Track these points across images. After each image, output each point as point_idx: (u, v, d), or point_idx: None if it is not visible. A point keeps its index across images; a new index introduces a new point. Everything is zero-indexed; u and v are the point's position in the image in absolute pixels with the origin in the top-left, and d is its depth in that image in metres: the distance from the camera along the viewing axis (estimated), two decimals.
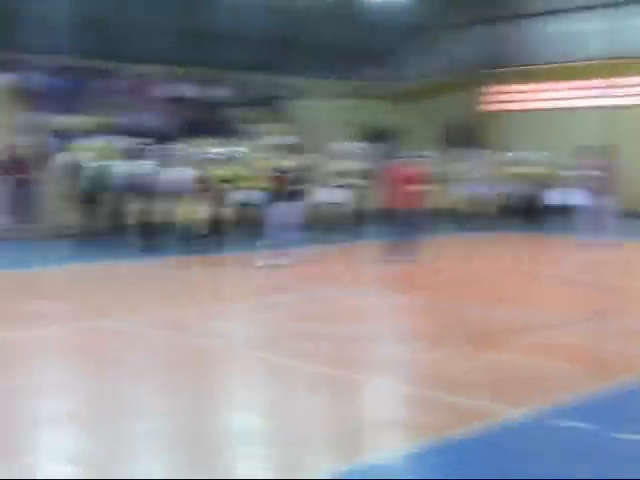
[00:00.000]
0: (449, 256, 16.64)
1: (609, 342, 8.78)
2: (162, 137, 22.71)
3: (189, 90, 26.97)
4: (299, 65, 29.50)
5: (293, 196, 13.84)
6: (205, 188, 15.65)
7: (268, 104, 28.66)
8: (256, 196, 16.47)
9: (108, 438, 5.70)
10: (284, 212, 13.68)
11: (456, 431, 5.75)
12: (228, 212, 17.18)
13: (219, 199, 16.75)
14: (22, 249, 16.69)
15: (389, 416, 6.31)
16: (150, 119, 24.61)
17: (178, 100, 26.19)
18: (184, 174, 15.50)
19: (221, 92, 27.74)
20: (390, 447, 5.59)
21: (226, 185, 16.94)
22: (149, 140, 17.92)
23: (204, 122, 25.86)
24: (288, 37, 28.46)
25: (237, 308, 10.75)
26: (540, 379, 7.13)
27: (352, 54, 29.96)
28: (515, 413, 6.13)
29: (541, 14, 29.42)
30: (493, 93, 30.96)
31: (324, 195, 18.12)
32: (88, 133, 21.91)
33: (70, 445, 5.63)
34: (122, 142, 17.57)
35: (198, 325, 9.42)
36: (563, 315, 10.21)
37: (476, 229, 20.48)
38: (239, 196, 17.13)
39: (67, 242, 15.74)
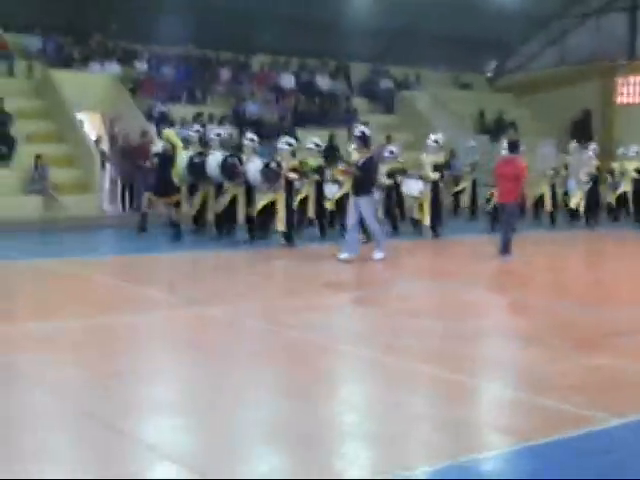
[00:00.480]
0: (558, 253, 16.06)
1: None
2: (275, 127, 22.96)
3: (304, 80, 26.99)
4: (419, 56, 29.17)
5: (364, 190, 13.27)
6: (298, 178, 15.51)
7: (382, 95, 28.44)
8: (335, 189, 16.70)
9: (210, 430, 5.57)
10: (360, 205, 13.18)
11: (550, 436, 5.39)
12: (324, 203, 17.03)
13: (313, 190, 16.67)
14: (126, 237, 17.03)
15: (484, 418, 5.97)
16: (265, 109, 24.75)
17: (293, 90, 26.25)
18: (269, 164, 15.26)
19: (336, 83, 27.66)
20: (483, 449, 5.31)
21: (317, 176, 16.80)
22: (251, 131, 17.70)
23: (319, 112, 25.87)
24: (407, 28, 28.14)
25: (333, 301, 10.51)
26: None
27: (473, 45, 29.39)
28: (612, 420, 5.71)
29: None
30: (624, 85, 29.64)
31: (406, 187, 17.37)
32: (204, 122, 22.24)
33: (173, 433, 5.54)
34: (215, 131, 17.37)
35: (295, 317, 9.23)
36: None
37: (586, 226, 19.81)
38: (330, 188, 16.81)
39: (169, 230, 15.85)
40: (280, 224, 15.07)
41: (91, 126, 22.67)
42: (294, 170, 15.23)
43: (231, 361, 7.28)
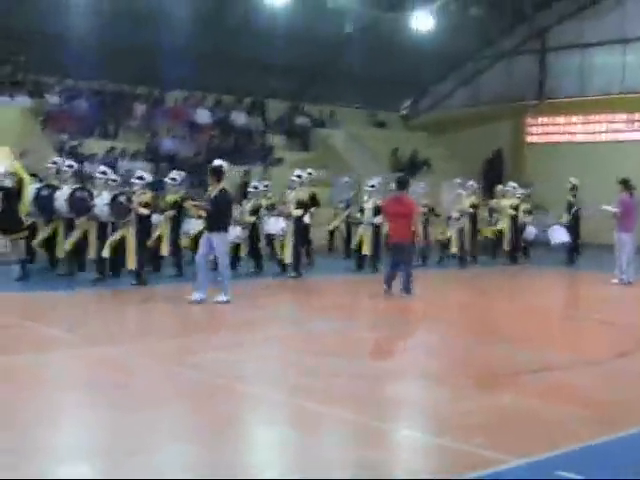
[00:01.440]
0: (449, 291, 16.22)
1: (628, 386, 8.23)
2: (190, 163, 22.76)
3: (220, 116, 26.89)
4: (335, 94, 29.44)
5: (217, 226, 12.70)
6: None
7: (298, 132, 28.54)
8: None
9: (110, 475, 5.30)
10: (213, 242, 12.62)
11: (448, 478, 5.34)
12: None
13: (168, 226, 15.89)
14: None
15: (389, 460, 5.89)
16: (180, 144, 24.57)
17: (208, 126, 26.12)
18: None
19: (252, 119, 27.64)
20: None
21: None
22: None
23: (235, 148, 25.76)
24: (323, 66, 28.39)
25: (228, 341, 10.33)
26: (544, 424, 6.63)
27: (388, 83, 29.74)
28: (513, 461, 5.66)
29: (585, 45, 28.81)
30: (535, 125, 30.29)
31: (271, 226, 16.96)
32: (116, 157, 21.94)
33: None
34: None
35: (205, 356, 9.01)
36: (583, 355, 9.70)
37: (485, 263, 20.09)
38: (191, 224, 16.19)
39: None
40: (130, 262, 14.29)
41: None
42: (146, 205, 14.38)
43: (133, 404, 7.04)
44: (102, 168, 15.63)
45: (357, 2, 25.80)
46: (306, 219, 17.15)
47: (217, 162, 13.56)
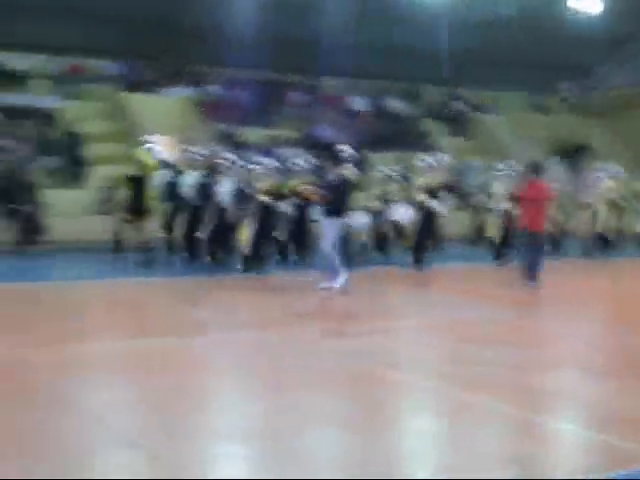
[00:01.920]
0: (577, 280, 15.38)
1: None
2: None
3: (376, 103, 26.84)
4: (493, 78, 28.82)
5: (333, 211, 12.37)
6: None
7: (456, 118, 28.11)
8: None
9: (273, 460, 5.40)
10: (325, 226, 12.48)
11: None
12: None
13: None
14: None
15: (550, 454, 5.63)
16: (336, 132, 24.62)
17: (364, 113, 26.10)
18: None
19: (408, 106, 27.43)
20: None
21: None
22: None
23: (391, 135, 25.64)
24: (481, 50, 27.85)
25: (376, 327, 10.21)
26: None
27: (548, 66, 28.87)
28: None
29: None
30: None
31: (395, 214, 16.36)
32: (273, 146, 22.24)
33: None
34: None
35: (354, 342, 8.97)
36: None
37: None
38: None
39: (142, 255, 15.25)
40: (245, 247, 14.08)
41: (163, 149, 22.78)
42: (267, 192, 14.22)
43: (284, 388, 7.05)
44: (228, 155, 15.55)
45: None
46: (437, 206, 16.77)
47: (342, 147, 13.47)
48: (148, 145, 16.05)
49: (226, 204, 14.41)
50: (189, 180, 15.03)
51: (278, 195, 14.78)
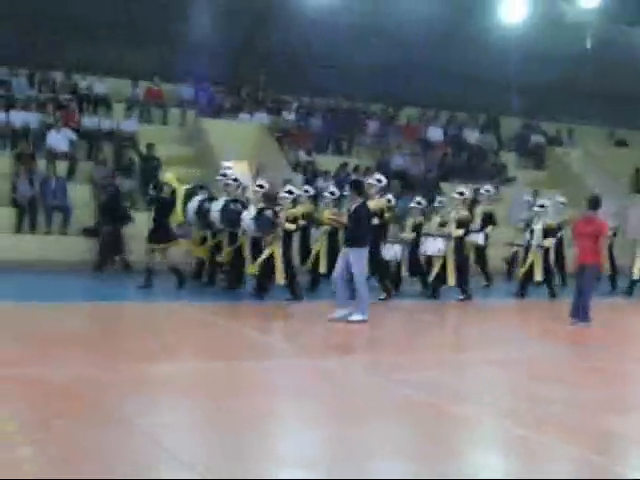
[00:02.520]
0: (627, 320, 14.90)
1: None
2: (420, 180, 22.77)
3: (453, 133, 26.74)
4: (572, 111, 28.49)
5: (356, 241, 12.02)
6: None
7: (533, 150, 27.81)
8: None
9: None
10: (350, 257, 12.02)
11: None
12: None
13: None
14: None
15: None
16: (411, 161, 24.60)
17: (440, 143, 26.01)
18: None
19: (485, 137, 27.26)
20: None
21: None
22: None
23: (467, 166, 25.51)
24: (561, 83, 27.60)
25: (442, 359, 10.09)
26: None
27: (629, 100, 28.39)
28: None
29: None
30: None
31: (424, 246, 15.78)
32: (348, 173, 22.28)
33: None
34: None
35: (416, 374, 8.88)
36: None
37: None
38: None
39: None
40: (280, 277, 13.88)
41: (238, 174, 23.03)
42: (294, 220, 14.15)
43: (348, 417, 7.00)
44: (259, 182, 15.19)
45: (597, 16, 24.81)
46: (480, 239, 16.42)
47: (376, 176, 13.80)
48: (225, 169, 16.10)
49: (251, 231, 14.20)
50: (217, 206, 14.65)
51: (308, 221, 14.83)
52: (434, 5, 22.43)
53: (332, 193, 15.29)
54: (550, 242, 16.01)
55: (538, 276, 15.93)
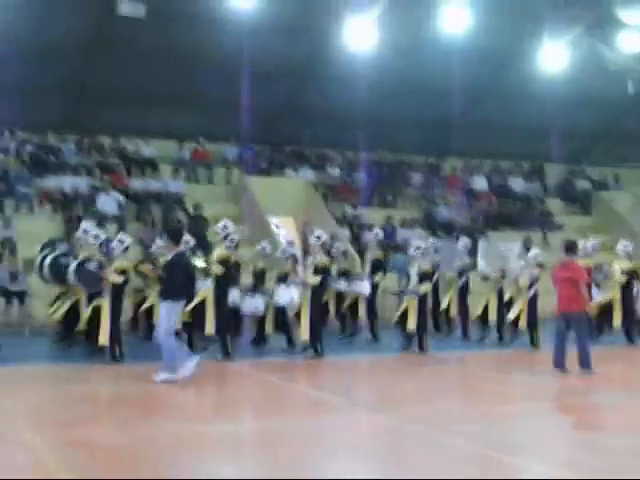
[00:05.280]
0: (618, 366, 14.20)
1: None
2: (466, 230, 22.73)
3: (498, 182, 26.71)
4: (618, 155, 28.38)
5: (167, 293, 11.18)
6: None
7: (578, 196, 27.66)
8: None
9: None
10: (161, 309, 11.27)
11: None
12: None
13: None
14: None
15: None
16: (456, 212, 24.60)
17: (485, 193, 26.00)
18: None
19: (530, 184, 27.20)
20: None
21: None
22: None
23: (513, 214, 25.44)
24: (605, 128, 27.58)
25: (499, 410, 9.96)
26: None
27: None
28: None
29: None
30: None
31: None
32: (393, 226, 22.33)
33: None
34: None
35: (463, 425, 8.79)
36: None
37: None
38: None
39: None
40: (103, 337, 12.43)
41: (284, 230, 23.23)
42: (122, 272, 12.68)
43: (407, 471, 6.95)
44: (84, 225, 13.85)
45: (639, 62, 24.76)
46: (365, 288, 15.79)
47: (222, 223, 13.51)
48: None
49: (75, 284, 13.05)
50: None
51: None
52: (473, 58, 22.54)
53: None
54: (426, 288, 14.62)
55: (411, 324, 14.40)
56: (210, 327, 13.23)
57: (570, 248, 12.72)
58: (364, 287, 15.86)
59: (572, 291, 12.29)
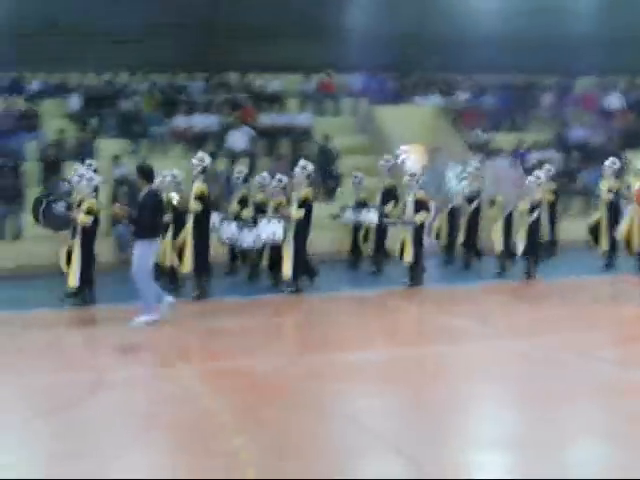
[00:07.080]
0: None
1: None
2: (601, 150, 21.99)
3: (634, 99, 25.66)
4: None
5: (140, 232, 10.74)
6: None
7: None
8: None
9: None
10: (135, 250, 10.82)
11: None
12: None
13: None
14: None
15: None
16: (590, 132, 23.82)
17: (621, 110, 25.03)
18: None
19: None
20: None
21: None
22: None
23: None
24: None
25: None
26: None
27: None
28: None
29: None
30: None
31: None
32: (524, 150, 21.84)
33: None
34: None
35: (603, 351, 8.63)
36: None
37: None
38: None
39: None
40: (72, 279, 11.76)
41: (413, 159, 23.02)
42: (90, 212, 11.88)
43: (546, 398, 6.88)
44: (81, 172, 12.86)
45: None
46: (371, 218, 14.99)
47: (199, 154, 12.81)
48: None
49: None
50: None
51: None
52: None
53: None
54: (422, 217, 13.58)
55: (408, 257, 13.44)
56: (188, 265, 12.55)
57: None
58: (370, 217, 15.13)
59: None
